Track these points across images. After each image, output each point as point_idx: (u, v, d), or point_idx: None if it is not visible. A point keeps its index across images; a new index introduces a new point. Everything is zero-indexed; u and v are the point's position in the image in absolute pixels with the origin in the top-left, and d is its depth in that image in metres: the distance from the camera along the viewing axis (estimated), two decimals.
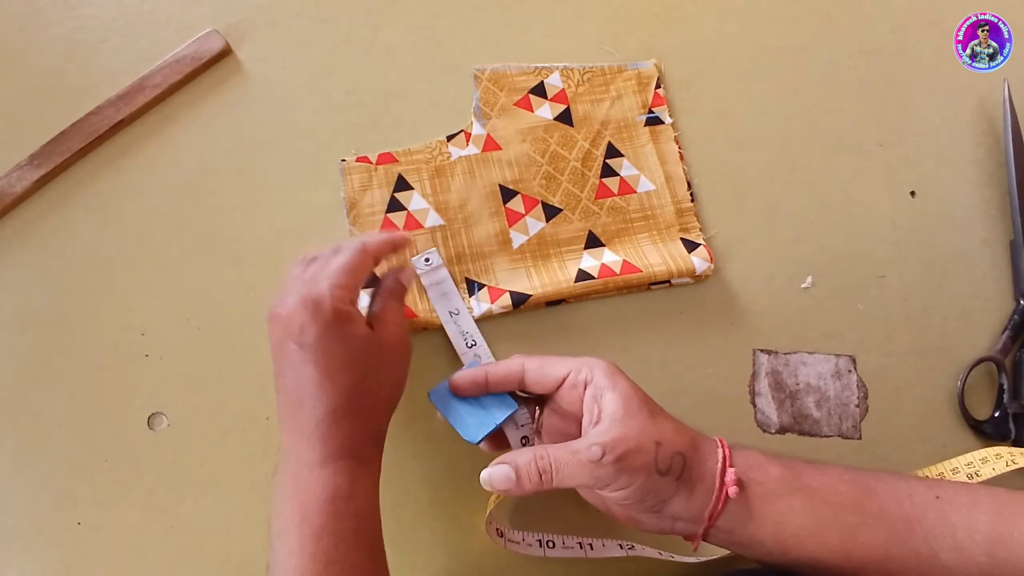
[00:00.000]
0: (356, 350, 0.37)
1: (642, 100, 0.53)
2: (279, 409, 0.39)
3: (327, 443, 0.37)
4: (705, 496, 0.36)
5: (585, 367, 0.37)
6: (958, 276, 0.52)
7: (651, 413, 0.36)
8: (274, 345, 0.38)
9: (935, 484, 0.37)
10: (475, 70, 0.52)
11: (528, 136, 0.51)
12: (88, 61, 0.51)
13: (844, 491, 0.36)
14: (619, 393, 0.36)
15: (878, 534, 0.35)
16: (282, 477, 0.37)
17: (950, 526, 0.35)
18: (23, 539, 0.45)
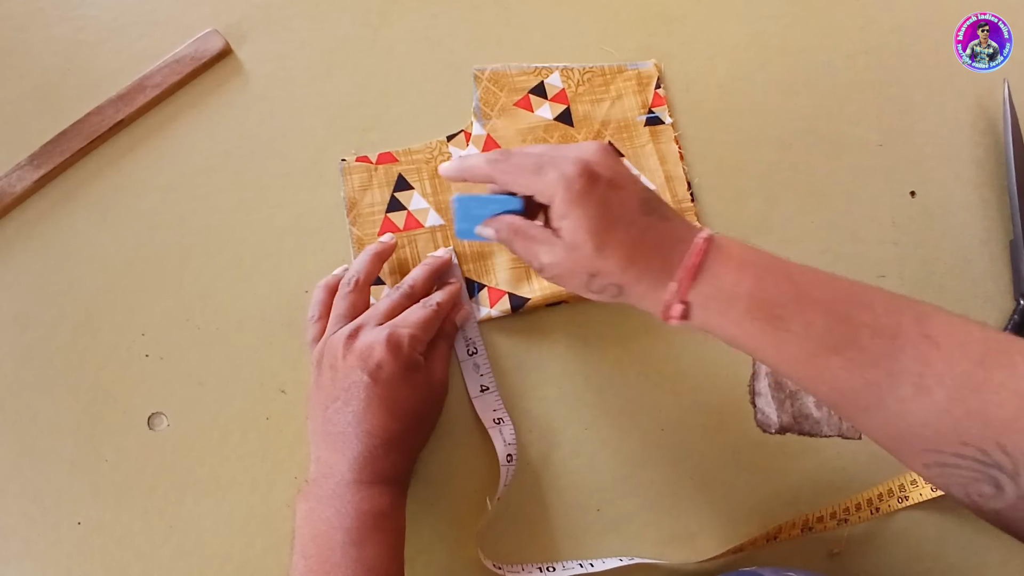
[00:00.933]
0: (417, 394, 0.42)
1: (642, 100, 0.53)
2: (323, 424, 0.41)
3: (375, 467, 0.40)
4: (652, 310, 0.37)
5: (549, 187, 0.36)
6: (958, 276, 0.52)
7: (596, 246, 0.36)
8: (340, 373, 0.41)
9: (927, 320, 0.34)
10: (475, 70, 0.52)
11: (528, 136, 0.51)
12: (88, 61, 0.51)
13: (816, 321, 0.34)
14: (568, 225, 0.36)
15: (835, 362, 0.34)
16: (316, 489, 0.40)
17: (924, 367, 0.33)
18: (23, 539, 0.45)
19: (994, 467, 0.31)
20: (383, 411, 0.40)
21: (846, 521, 0.47)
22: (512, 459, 0.45)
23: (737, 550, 0.46)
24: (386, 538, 0.39)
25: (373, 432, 0.40)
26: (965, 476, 0.32)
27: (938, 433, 0.32)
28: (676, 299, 0.36)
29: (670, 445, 0.48)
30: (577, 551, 0.47)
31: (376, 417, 0.40)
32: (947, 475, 0.33)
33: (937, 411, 0.32)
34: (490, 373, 0.47)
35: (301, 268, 0.49)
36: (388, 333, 0.41)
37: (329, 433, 0.41)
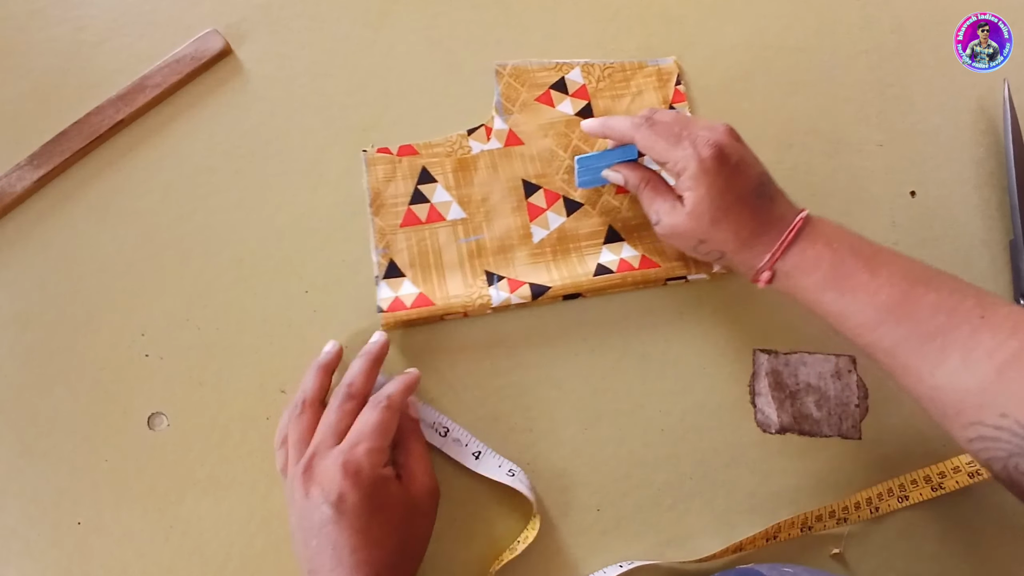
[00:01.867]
0: (394, 515, 0.39)
1: (663, 96, 0.53)
2: (308, 564, 0.38)
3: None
4: (744, 272, 0.44)
5: (680, 162, 0.42)
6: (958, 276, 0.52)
7: (712, 220, 0.42)
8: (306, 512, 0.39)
9: (988, 305, 0.37)
10: (496, 65, 0.52)
11: (550, 131, 0.52)
12: (88, 61, 0.51)
13: (884, 294, 0.39)
14: (692, 198, 0.42)
15: (896, 332, 0.38)
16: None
17: (976, 342, 0.36)
18: (23, 539, 0.45)
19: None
20: (358, 543, 0.37)
21: (846, 520, 0.47)
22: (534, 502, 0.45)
23: (737, 549, 0.46)
24: None
25: (359, 566, 0.37)
26: (1004, 448, 0.34)
27: (979, 405, 0.35)
28: (767, 267, 0.42)
29: (670, 445, 0.48)
30: (577, 551, 0.47)
31: (351, 552, 0.37)
32: (988, 447, 0.35)
33: (981, 383, 0.35)
34: (475, 439, 0.46)
35: (301, 268, 0.49)
36: (343, 461, 0.38)
37: (317, 570, 0.38)
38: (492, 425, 0.47)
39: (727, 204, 0.41)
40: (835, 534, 0.48)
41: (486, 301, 0.47)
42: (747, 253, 0.42)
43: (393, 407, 0.41)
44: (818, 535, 0.48)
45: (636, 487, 0.48)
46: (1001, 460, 0.35)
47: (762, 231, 0.42)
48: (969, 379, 0.35)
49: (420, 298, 0.48)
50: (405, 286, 0.48)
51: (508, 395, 0.48)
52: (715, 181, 0.41)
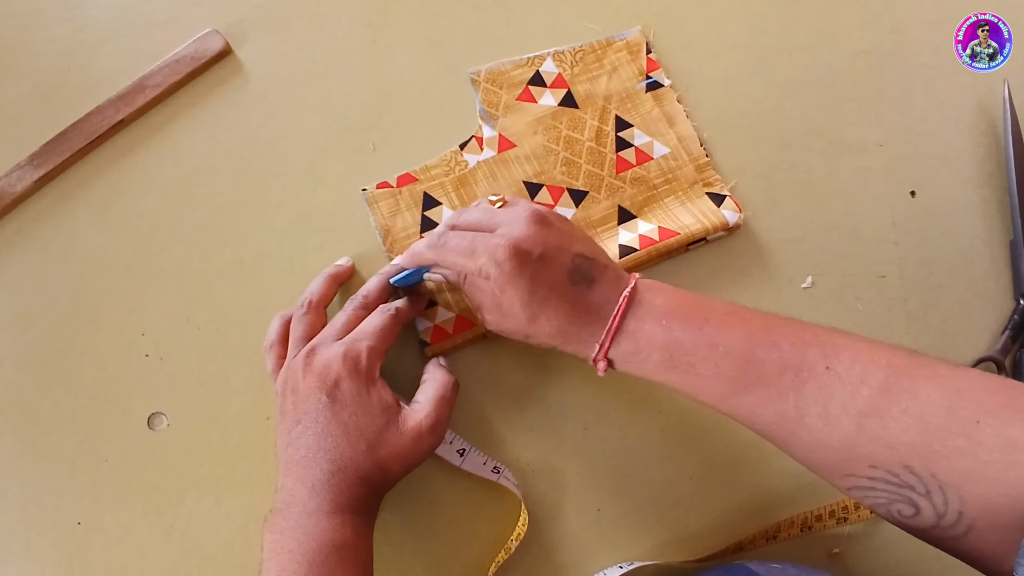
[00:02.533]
0: (377, 419, 0.40)
1: (638, 68, 0.53)
2: (286, 450, 0.40)
3: (337, 496, 0.39)
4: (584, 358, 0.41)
5: (484, 269, 0.39)
6: (958, 276, 0.52)
7: (530, 318, 0.39)
8: (300, 395, 0.40)
9: (832, 351, 0.35)
10: (470, 73, 0.52)
11: (538, 127, 0.52)
12: (88, 61, 0.51)
13: (726, 365, 0.37)
14: (504, 297, 0.39)
15: (748, 399, 0.37)
16: (280, 520, 0.39)
17: (827, 396, 0.34)
18: (23, 539, 0.45)
19: (906, 488, 0.32)
20: (340, 434, 0.39)
21: (845, 520, 0.47)
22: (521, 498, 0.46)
23: (736, 549, 0.46)
24: (350, 571, 0.38)
25: (330, 457, 0.39)
26: (882, 497, 0.34)
27: (848, 459, 0.34)
28: (600, 356, 0.39)
29: (670, 445, 0.48)
30: (577, 551, 0.47)
31: (334, 439, 0.39)
32: (866, 496, 0.34)
33: (844, 438, 0.34)
34: (458, 437, 0.46)
35: (301, 268, 0.49)
36: (345, 349, 0.40)
37: (292, 460, 0.39)
38: (492, 425, 0.47)
39: (539, 300, 0.39)
40: (835, 534, 0.48)
41: None
42: (576, 344, 0.40)
43: (399, 316, 0.44)
44: (818, 535, 0.48)
45: (636, 487, 0.48)
46: (883, 506, 0.34)
47: (585, 320, 0.39)
48: (831, 435, 0.34)
49: (459, 321, 0.47)
50: (440, 314, 0.48)
51: (508, 395, 0.48)
52: (519, 280, 0.38)
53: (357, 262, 0.49)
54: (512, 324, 0.40)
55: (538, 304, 0.39)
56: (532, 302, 0.39)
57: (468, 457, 0.45)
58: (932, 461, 0.32)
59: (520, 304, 0.39)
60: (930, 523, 0.32)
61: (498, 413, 0.48)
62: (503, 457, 0.47)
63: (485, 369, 0.48)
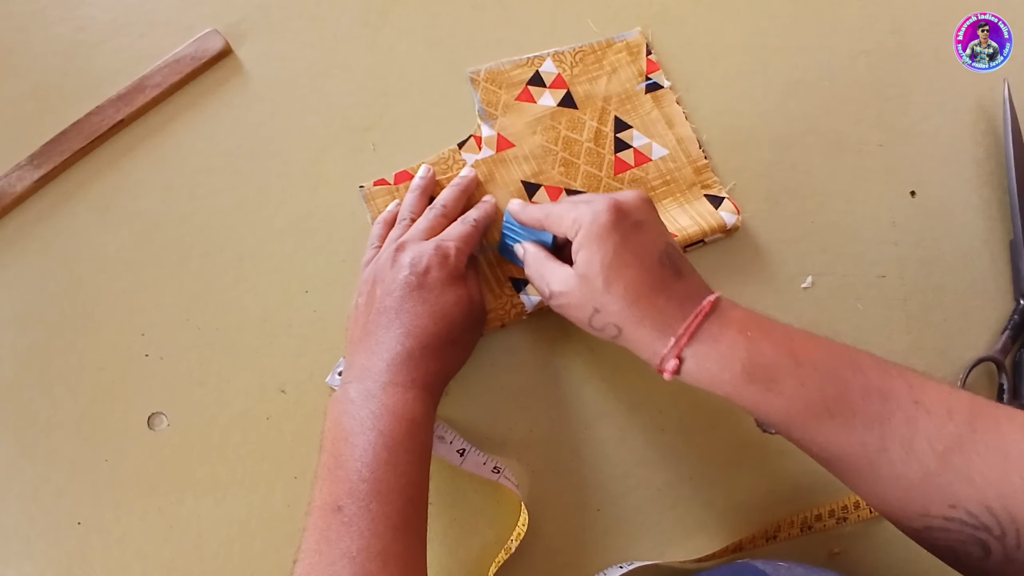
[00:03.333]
0: (460, 305, 0.42)
1: (637, 69, 0.53)
2: (363, 331, 0.42)
3: (412, 371, 0.40)
4: (648, 360, 0.39)
5: (576, 223, 0.39)
6: (958, 276, 0.52)
7: (605, 281, 0.37)
8: (386, 282, 0.42)
9: (920, 386, 0.35)
10: (470, 73, 0.52)
11: (537, 127, 0.52)
12: (88, 61, 0.51)
13: (811, 384, 0.35)
14: (583, 256, 0.38)
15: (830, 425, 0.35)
16: (351, 392, 0.39)
17: (913, 430, 0.33)
18: (23, 539, 0.45)
19: (982, 529, 0.32)
20: (425, 313, 0.41)
21: (845, 520, 0.47)
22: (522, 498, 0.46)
23: (736, 549, 0.46)
24: (417, 447, 0.39)
25: (413, 333, 0.40)
26: (954, 539, 0.33)
27: (927, 495, 0.33)
28: (673, 354, 0.37)
29: (670, 445, 0.48)
30: (577, 551, 0.47)
31: (418, 317, 0.41)
32: (938, 538, 0.33)
33: (926, 473, 0.33)
34: (458, 436, 0.46)
35: (301, 268, 0.49)
36: (436, 244, 0.43)
37: (368, 337, 0.41)
38: (491, 425, 0.48)
39: (623, 263, 0.37)
40: (835, 534, 0.48)
41: (520, 309, 0.48)
42: (647, 332, 0.37)
43: (479, 227, 0.46)
44: (818, 535, 0.48)
45: (636, 487, 0.48)
46: (951, 549, 0.33)
47: (665, 307, 0.37)
48: (913, 469, 0.33)
49: None
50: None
51: (508, 395, 0.48)
52: (609, 236, 0.37)
53: (357, 263, 0.49)
54: (582, 291, 0.38)
55: (620, 267, 0.37)
56: (615, 263, 0.37)
57: (468, 457, 0.45)
58: (1011, 500, 0.31)
59: (601, 263, 0.37)
60: (996, 565, 0.32)
61: (498, 413, 0.48)
62: (503, 457, 0.47)
63: (485, 369, 0.48)
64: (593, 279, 0.37)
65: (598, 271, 0.37)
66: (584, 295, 0.38)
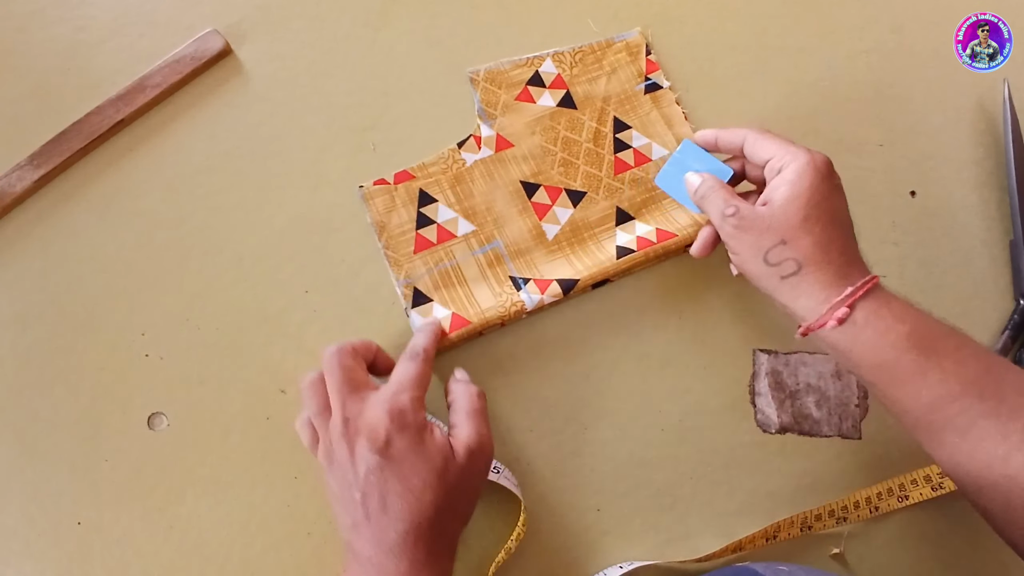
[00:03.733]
0: (436, 466, 0.38)
1: (637, 69, 0.53)
2: (348, 516, 0.38)
3: (416, 554, 0.37)
4: (806, 310, 0.39)
5: (787, 156, 0.40)
6: (958, 276, 0.52)
7: (805, 217, 0.39)
8: (351, 462, 0.38)
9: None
10: (469, 73, 0.52)
11: (536, 127, 0.52)
12: (88, 61, 0.51)
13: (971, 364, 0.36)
14: (787, 190, 0.39)
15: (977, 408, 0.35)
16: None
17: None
18: (23, 539, 0.45)
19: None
20: (406, 492, 0.37)
21: (845, 520, 0.47)
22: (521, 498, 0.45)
23: (736, 549, 0.46)
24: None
25: (402, 517, 0.37)
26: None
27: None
28: (847, 301, 0.37)
29: (670, 445, 0.48)
30: (577, 551, 0.47)
31: (399, 498, 0.37)
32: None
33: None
34: None
35: (301, 268, 0.49)
36: (388, 407, 0.38)
37: (357, 523, 0.38)
38: (492, 425, 0.47)
39: (825, 210, 0.39)
40: (835, 534, 0.48)
41: (520, 307, 0.47)
42: (827, 275, 0.38)
43: (429, 356, 0.42)
44: (818, 535, 0.48)
45: (636, 487, 0.48)
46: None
47: (848, 259, 0.39)
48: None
49: (455, 319, 0.47)
50: (436, 310, 0.47)
51: (508, 395, 0.48)
52: (820, 183, 0.39)
53: (357, 263, 0.49)
54: (779, 218, 0.39)
55: (825, 210, 0.39)
56: (822, 204, 0.39)
57: None
58: None
59: (807, 198, 0.39)
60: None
61: (498, 413, 0.48)
62: (503, 457, 0.47)
63: (484, 368, 0.48)
64: (794, 211, 0.39)
65: (803, 205, 0.39)
66: (777, 223, 0.39)
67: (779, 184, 0.40)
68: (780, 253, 0.39)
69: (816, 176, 0.39)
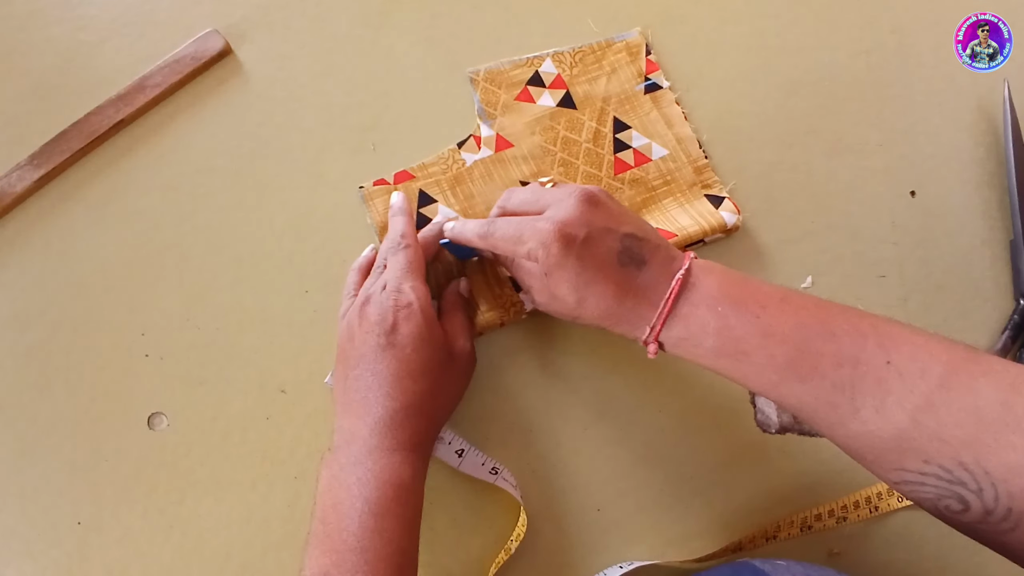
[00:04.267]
0: (436, 354, 0.42)
1: (636, 69, 0.53)
2: (344, 392, 0.41)
3: (398, 434, 0.40)
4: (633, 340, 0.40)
5: (532, 254, 0.39)
6: (958, 276, 0.52)
7: (578, 300, 0.39)
8: (356, 341, 0.42)
9: (892, 344, 0.35)
10: (469, 73, 0.52)
11: (536, 127, 0.52)
12: (88, 61, 0.51)
13: (780, 355, 0.36)
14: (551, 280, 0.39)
15: (800, 388, 0.36)
16: (340, 456, 0.40)
17: (884, 391, 0.34)
18: (23, 539, 0.45)
19: (957, 484, 0.32)
20: (404, 373, 0.40)
21: (845, 519, 0.47)
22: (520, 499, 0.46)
23: (736, 548, 0.46)
24: (405, 512, 0.39)
25: (393, 395, 0.40)
26: (931, 492, 0.33)
27: (899, 452, 0.34)
28: (651, 339, 0.39)
29: (670, 445, 0.48)
30: (577, 551, 0.47)
31: (397, 379, 0.40)
32: (915, 491, 0.34)
33: (897, 432, 0.33)
34: (457, 436, 0.46)
35: (301, 268, 0.49)
36: (395, 297, 0.42)
37: (350, 400, 0.41)
38: (491, 425, 0.48)
39: (586, 281, 0.38)
40: (835, 534, 0.48)
41: (519, 307, 0.47)
42: (625, 326, 0.40)
43: (409, 239, 0.45)
44: (818, 534, 0.48)
45: (636, 487, 0.48)
46: (931, 501, 0.34)
47: (635, 302, 0.39)
48: (884, 428, 0.34)
49: None
50: None
51: (508, 395, 0.48)
52: (565, 263, 0.38)
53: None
54: (560, 306, 0.41)
55: (585, 286, 0.39)
56: (579, 284, 0.39)
57: (467, 458, 0.45)
58: (984, 456, 0.31)
59: (568, 287, 0.39)
60: (977, 518, 0.32)
61: (498, 413, 0.48)
62: (503, 457, 0.47)
63: (483, 369, 0.48)
64: (565, 300, 0.40)
65: (567, 293, 0.39)
66: (561, 310, 0.41)
67: (541, 276, 0.40)
68: (582, 323, 0.42)
69: (558, 262, 0.38)
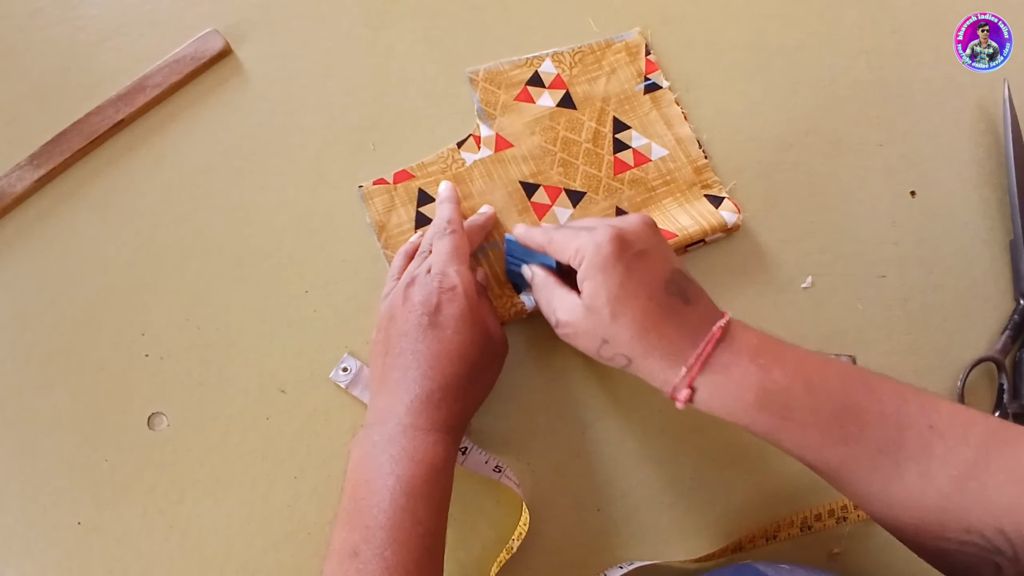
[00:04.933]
0: (476, 343, 0.41)
1: (636, 69, 0.53)
2: (382, 371, 0.41)
3: (433, 414, 0.39)
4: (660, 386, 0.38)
5: (579, 253, 0.38)
6: (958, 276, 0.52)
7: (612, 314, 0.37)
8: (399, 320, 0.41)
9: (934, 409, 0.34)
10: (469, 73, 0.52)
11: (536, 127, 0.52)
12: (88, 61, 0.51)
13: (825, 411, 0.35)
14: (589, 288, 0.37)
15: (843, 451, 0.35)
16: (373, 435, 0.39)
17: (928, 455, 0.33)
18: (23, 539, 0.45)
19: (995, 552, 0.32)
20: (443, 353, 0.40)
21: (845, 520, 0.47)
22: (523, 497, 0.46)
23: (736, 548, 0.46)
24: (435, 493, 0.38)
25: (431, 375, 0.40)
26: (968, 561, 0.33)
27: (942, 520, 0.33)
28: (684, 384, 0.36)
29: (670, 445, 0.48)
30: (577, 551, 0.47)
31: (436, 359, 0.40)
32: (951, 560, 0.33)
33: (940, 497, 0.33)
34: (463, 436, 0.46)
35: (301, 268, 0.49)
36: (440, 280, 0.41)
37: (388, 379, 0.40)
38: (492, 425, 0.48)
39: (628, 294, 0.36)
40: (835, 534, 0.48)
41: (520, 308, 0.47)
42: (657, 362, 0.37)
43: (455, 224, 0.45)
44: (818, 535, 0.48)
45: (636, 487, 0.48)
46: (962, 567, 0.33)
47: (674, 336, 0.36)
48: (928, 494, 0.33)
49: None
50: None
51: (508, 396, 0.48)
52: (613, 268, 0.36)
53: (357, 263, 0.49)
54: (589, 322, 0.38)
55: (626, 298, 0.36)
56: (621, 295, 0.36)
57: (470, 455, 0.45)
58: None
59: (606, 294, 0.36)
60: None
61: (499, 413, 0.48)
62: (505, 457, 0.47)
63: None
64: (600, 311, 0.37)
65: (604, 303, 0.37)
66: (592, 326, 0.38)
67: (582, 280, 0.38)
68: (608, 350, 0.38)
69: (605, 269, 0.37)
